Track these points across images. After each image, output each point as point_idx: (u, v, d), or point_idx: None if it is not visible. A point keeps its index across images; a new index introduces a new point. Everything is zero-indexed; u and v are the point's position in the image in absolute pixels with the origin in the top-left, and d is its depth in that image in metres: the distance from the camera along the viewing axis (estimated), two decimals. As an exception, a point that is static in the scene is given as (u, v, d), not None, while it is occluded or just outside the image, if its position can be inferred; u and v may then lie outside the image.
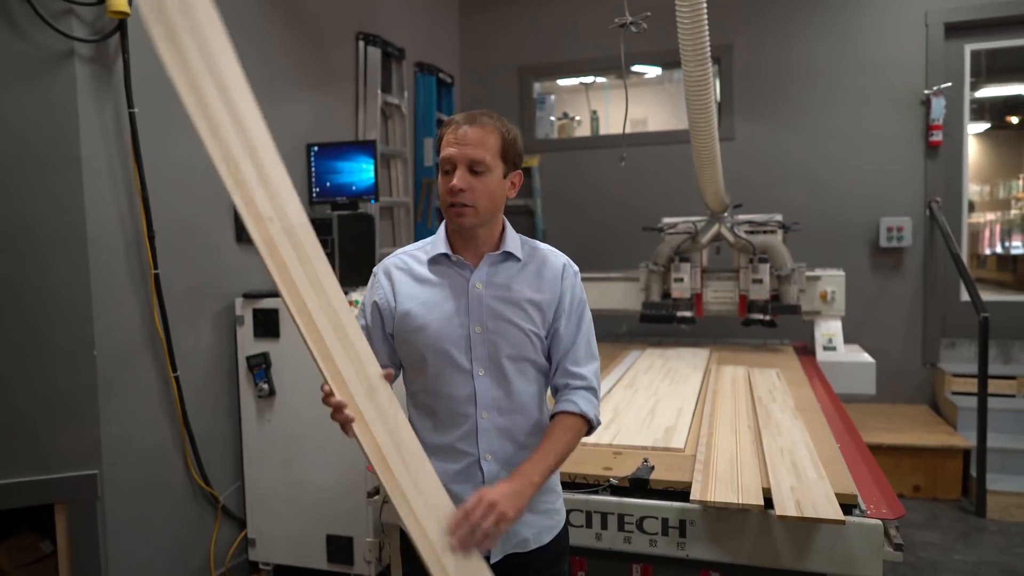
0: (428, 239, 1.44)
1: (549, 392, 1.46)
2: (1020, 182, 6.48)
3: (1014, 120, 5.97)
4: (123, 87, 2.29)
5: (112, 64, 2.29)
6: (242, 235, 2.85)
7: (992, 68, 4.31)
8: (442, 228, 1.42)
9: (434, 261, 1.39)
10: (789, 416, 2.24)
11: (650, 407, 2.41)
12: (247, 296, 2.79)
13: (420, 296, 1.35)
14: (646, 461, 1.82)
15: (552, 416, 1.39)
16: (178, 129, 2.53)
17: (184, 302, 2.58)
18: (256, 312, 2.77)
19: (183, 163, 2.55)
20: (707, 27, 2.33)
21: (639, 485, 1.73)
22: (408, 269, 1.40)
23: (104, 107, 2.27)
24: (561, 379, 1.40)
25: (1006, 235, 6.16)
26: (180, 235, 2.56)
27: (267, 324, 2.76)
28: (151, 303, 2.43)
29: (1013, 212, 6.44)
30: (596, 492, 1.74)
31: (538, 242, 1.46)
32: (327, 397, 1.18)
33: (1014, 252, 5.38)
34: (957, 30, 4.10)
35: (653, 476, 1.74)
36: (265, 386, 2.75)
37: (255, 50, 2.92)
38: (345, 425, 1.19)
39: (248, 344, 2.79)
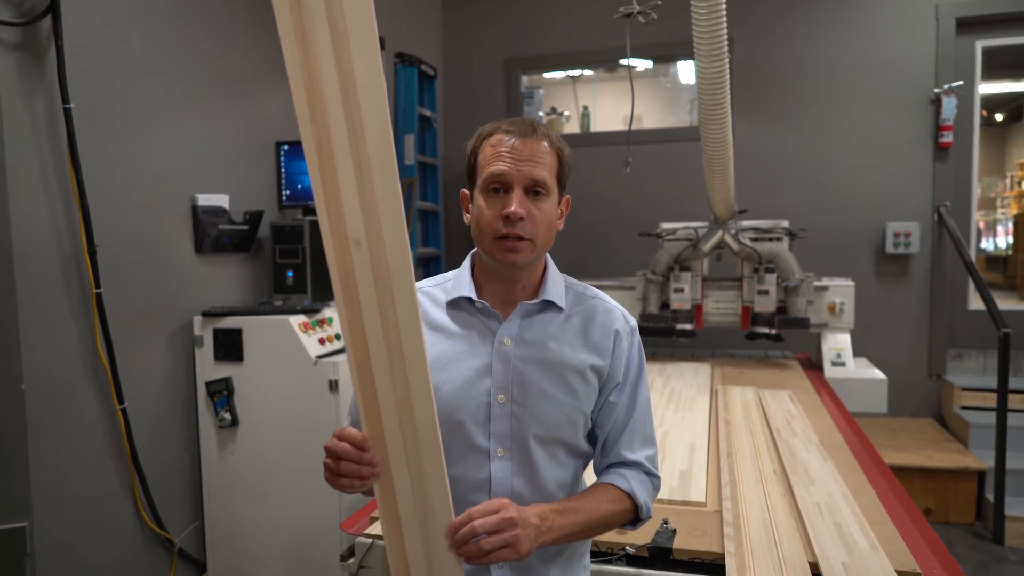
0: (449, 274, 1.16)
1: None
2: (1007, 180, 6.37)
3: (999, 117, 5.84)
4: (56, 79, 1.98)
5: (44, 52, 1.98)
6: (202, 245, 2.55)
7: (985, 64, 4.10)
8: (467, 264, 1.14)
9: (455, 305, 1.11)
10: (816, 456, 2.01)
11: (658, 442, 2.15)
12: (207, 314, 2.49)
13: (431, 349, 1.07)
14: (666, 523, 1.57)
15: (595, 484, 1.14)
16: (123, 126, 2.23)
17: (133, 323, 2.28)
18: (217, 332, 2.48)
19: (130, 165, 2.25)
20: (725, 19, 2.08)
21: (660, 554, 1.48)
22: (421, 312, 1.13)
23: (34, 102, 1.96)
24: (609, 463, 1.15)
25: (990, 232, 6.06)
26: (128, 247, 2.25)
27: (229, 346, 2.47)
28: (93, 327, 2.13)
29: (1000, 211, 6.33)
30: (610, 561, 1.49)
31: (587, 286, 1.18)
32: (363, 448, 0.93)
33: (988, 250, 5.29)
34: (969, 25, 3.90)
35: (676, 543, 1.49)
36: (227, 415, 2.46)
37: (215, 38, 2.61)
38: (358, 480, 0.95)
39: (208, 368, 2.50)
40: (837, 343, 3.40)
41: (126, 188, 2.25)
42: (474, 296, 1.09)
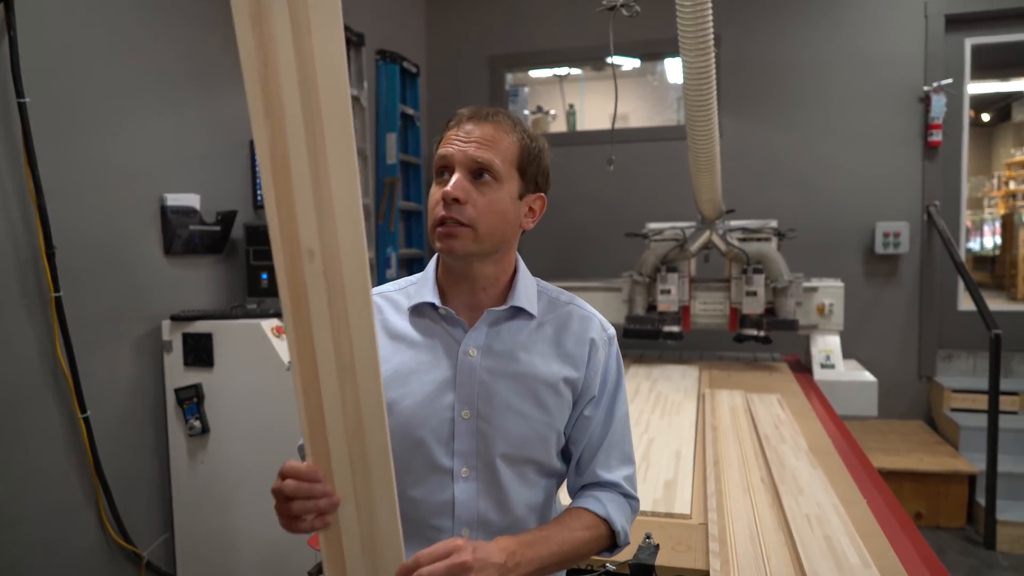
0: (414, 277, 1.08)
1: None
2: (994, 180, 6.36)
3: (985, 118, 5.81)
4: (10, 71, 1.88)
5: (-4, 44, 1.88)
6: (172, 246, 2.45)
7: (972, 64, 4.05)
8: (431, 267, 1.06)
9: (417, 311, 1.03)
10: (805, 463, 1.94)
11: (643, 450, 2.09)
12: (175, 318, 2.40)
13: (392, 360, 1.00)
14: (648, 537, 1.49)
15: (567, 509, 1.05)
16: (85, 123, 2.13)
17: (97, 328, 2.18)
18: (186, 337, 2.39)
19: (92, 163, 2.16)
20: (710, 11, 2.01)
21: (642, 572, 1.41)
22: (381, 319, 1.04)
23: (-13, 96, 1.87)
24: (583, 483, 1.07)
25: (977, 232, 6.04)
26: (91, 249, 2.16)
27: (199, 351, 2.38)
28: (52, 332, 2.03)
29: (987, 210, 6.32)
30: (589, 580, 1.41)
31: (561, 291, 1.10)
32: (313, 479, 0.83)
33: (975, 249, 5.28)
34: (958, 23, 3.85)
35: (659, 560, 1.41)
36: (197, 423, 2.37)
37: (185, 31, 2.51)
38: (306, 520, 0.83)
39: (177, 374, 2.40)
40: (826, 345, 3.34)
41: (88, 187, 2.15)
42: (437, 302, 1.01)
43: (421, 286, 1.03)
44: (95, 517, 2.19)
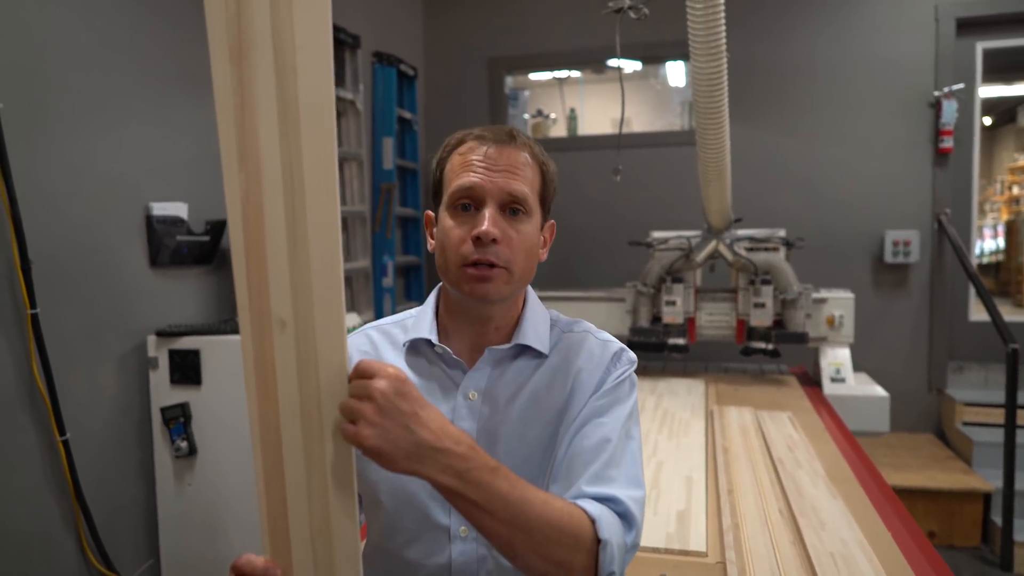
0: (413, 311, 0.97)
1: None
2: (997, 184, 6.27)
3: (987, 121, 5.73)
4: (-17, 76, 1.78)
5: (-31, 46, 1.78)
6: (158, 257, 2.35)
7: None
8: (431, 300, 0.95)
9: (413, 349, 0.92)
10: (824, 492, 1.84)
11: (652, 475, 1.99)
12: (161, 334, 2.29)
13: None
14: (664, 580, 1.40)
15: None
16: (63, 128, 2.02)
17: (77, 345, 2.08)
18: (173, 353, 2.28)
19: (72, 171, 2.05)
20: (723, 14, 1.91)
21: (658, 620, 1.31)
22: (375, 355, 0.93)
23: (-42, 102, 1.76)
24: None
25: (979, 236, 5.95)
26: (71, 262, 2.05)
27: (186, 368, 2.27)
28: (28, 351, 1.92)
29: (990, 215, 6.23)
30: (600, 628, 1.31)
31: (577, 321, 0.97)
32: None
33: (980, 255, 5.18)
34: (969, 26, 3.76)
35: (676, 607, 1.32)
36: (184, 444, 2.26)
37: (171, 33, 2.41)
38: None
39: (163, 393, 2.29)
40: (836, 358, 3.24)
41: (68, 197, 2.04)
42: (435, 339, 0.90)
43: (420, 321, 0.93)
44: (75, 543, 2.07)
